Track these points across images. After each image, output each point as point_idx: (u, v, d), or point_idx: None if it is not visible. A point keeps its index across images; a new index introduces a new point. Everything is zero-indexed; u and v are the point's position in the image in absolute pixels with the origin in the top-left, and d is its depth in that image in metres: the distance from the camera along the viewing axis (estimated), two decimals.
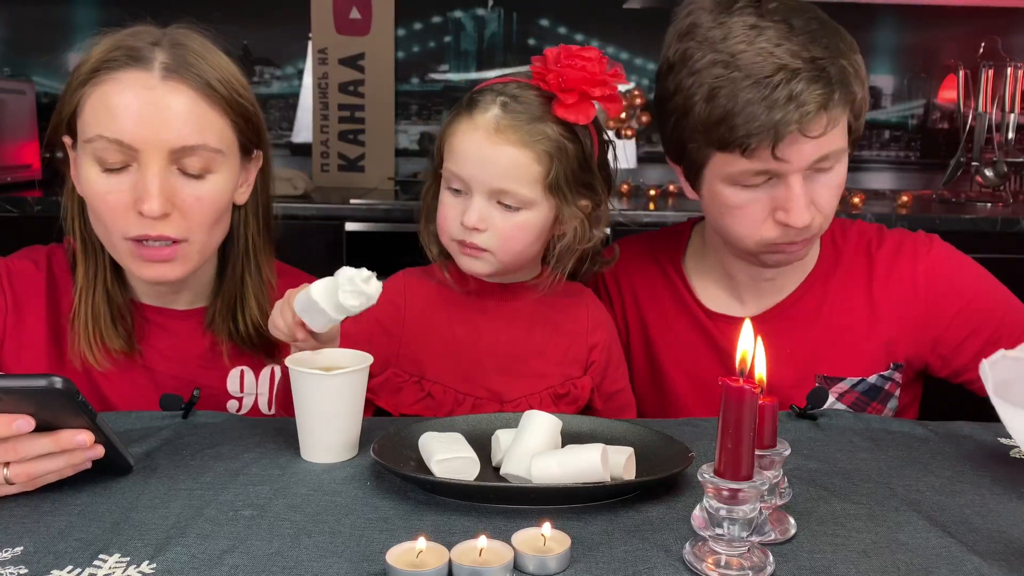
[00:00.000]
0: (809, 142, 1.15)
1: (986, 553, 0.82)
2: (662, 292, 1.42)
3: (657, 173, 3.10)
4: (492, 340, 1.25)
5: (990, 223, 2.49)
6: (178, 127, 1.13)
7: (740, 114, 1.14)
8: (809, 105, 1.13)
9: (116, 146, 1.12)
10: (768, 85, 1.13)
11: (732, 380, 0.73)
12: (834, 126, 1.17)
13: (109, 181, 1.14)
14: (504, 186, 1.15)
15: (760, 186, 1.20)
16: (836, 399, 1.34)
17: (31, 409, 0.87)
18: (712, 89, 1.16)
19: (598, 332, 1.30)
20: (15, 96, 2.78)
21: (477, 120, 1.16)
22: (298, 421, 1.04)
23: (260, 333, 1.27)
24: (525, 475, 0.94)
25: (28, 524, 0.86)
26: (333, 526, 0.85)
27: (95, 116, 1.13)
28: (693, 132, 1.20)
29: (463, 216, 1.17)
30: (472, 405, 1.23)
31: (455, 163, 1.17)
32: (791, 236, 1.22)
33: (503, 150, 1.14)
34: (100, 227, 1.18)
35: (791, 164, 1.17)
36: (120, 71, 1.14)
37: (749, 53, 1.15)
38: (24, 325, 1.23)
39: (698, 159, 1.23)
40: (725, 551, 0.76)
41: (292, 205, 2.54)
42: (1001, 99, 2.82)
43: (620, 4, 3.11)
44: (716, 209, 1.26)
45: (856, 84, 1.19)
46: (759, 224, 1.22)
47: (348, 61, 3.09)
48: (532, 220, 1.18)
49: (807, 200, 1.19)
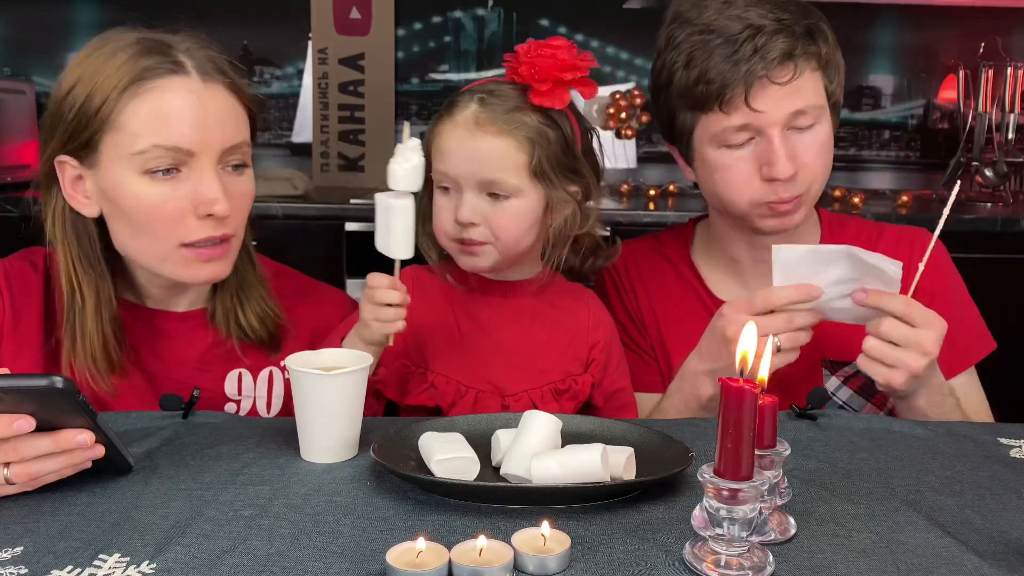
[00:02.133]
0: (779, 89, 1.24)
1: (986, 553, 0.82)
2: (673, 286, 1.45)
3: (657, 173, 3.10)
4: (495, 336, 1.27)
5: (990, 223, 2.49)
6: (225, 127, 1.16)
7: (712, 69, 1.24)
8: (773, 52, 1.22)
9: (173, 153, 1.12)
10: (736, 41, 1.23)
11: (732, 380, 0.73)
12: (800, 75, 1.24)
13: (163, 190, 1.13)
14: (490, 176, 1.18)
15: (744, 145, 1.27)
16: (842, 383, 1.36)
17: (31, 409, 0.87)
18: (689, 56, 1.26)
19: (599, 331, 1.31)
20: (15, 96, 2.78)
21: (457, 118, 1.20)
22: (298, 421, 1.04)
23: (264, 323, 1.28)
24: (525, 475, 0.94)
25: (28, 524, 0.86)
26: (333, 526, 0.85)
27: (144, 127, 1.12)
28: (678, 100, 1.29)
29: (456, 212, 1.20)
30: (474, 397, 1.25)
31: (441, 162, 1.21)
32: (779, 192, 1.27)
33: (485, 141, 1.18)
34: (146, 239, 1.16)
35: (767, 115, 1.24)
36: (160, 79, 1.13)
37: (720, 19, 1.25)
38: (22, 327, 1.23)
39: (685, 128, 1.31)
40: (725, 551, 0.76)
41: (292, 205, 2.53)
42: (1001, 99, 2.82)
43: (620, 4, 3.11)
44: (708, 176, 1.33)
45: (821, 41, 1.28)
46: (747, 183, 1.28)
47: (348, 61, 3.08)
48: (523, 207, 1.20)
49: (788, 153, 1.25)
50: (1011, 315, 2.26)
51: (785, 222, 1.31)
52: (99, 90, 1.12)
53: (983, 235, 2.48)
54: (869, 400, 1.33)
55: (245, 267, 1.29)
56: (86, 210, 1.18)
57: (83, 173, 1.17)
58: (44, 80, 3.03)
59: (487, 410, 1.23)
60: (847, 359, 1.35)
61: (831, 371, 1.37)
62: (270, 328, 1.29)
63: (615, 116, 2.83)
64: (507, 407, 1.24)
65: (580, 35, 3.13)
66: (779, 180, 1.26)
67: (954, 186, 1.29)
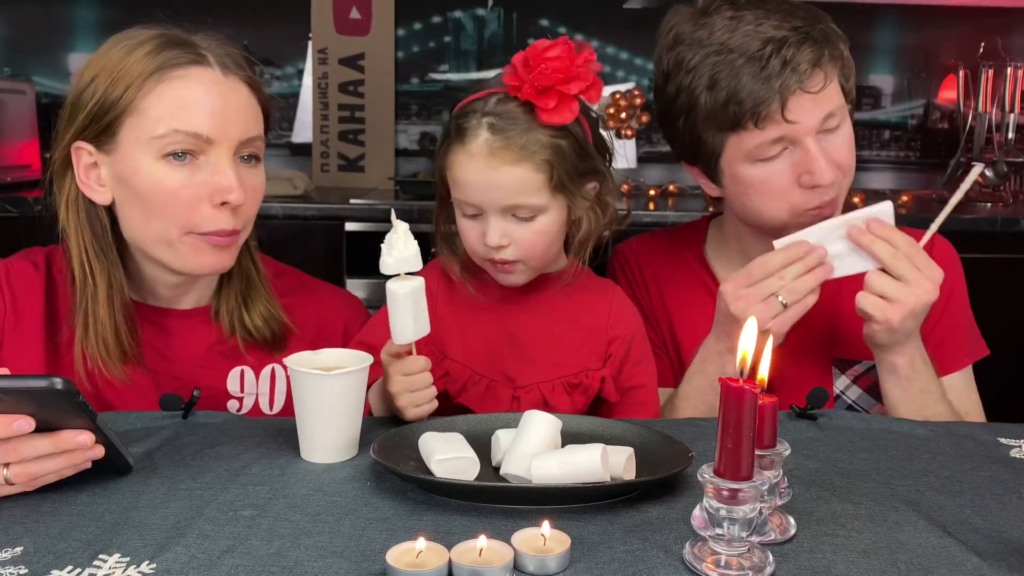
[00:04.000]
0: (812, 98, 1.23)
1: (986, 553, 0.82)
2: (685, 281, 1.45)
3: (657, 173, 3.10)
4: (512, 329, 1.28)
5: (990, 223, 2.49)
6: (244, 119, 1.19)
7: (743, 89, 1.22)
8: (804, 64, 1.22)
9: (193, 139, 1.14)
10: (762, 57, 1.21)
11: (732, 380, 0.73)
12: (830, 81, 1.25)
13: (180, 175, 1.15)
14: (514, 202, 1.18)
15: (778, 157, 1.26)
16: (852, 381, 1.36)
17: (31, 409, 0.87)
18: (712, 77, 1.24)
19: (619, 327, 1.30)
20: (15, 96, 2.77)
21: (471, 148, 1.17)
22: (298, 421, 1.04)
23: (269, 324, 1.29)
24: (525, 475, 0.94)
25: (28, 524, 0.86)
26: (333, 526, 0.85)
27: (167, 111, 1.14)
28: (704, 123, 1.27)
29: (485, 238, 1.20)
30: (486, 386, 1.26)
31: (461, 192, 1.21)
32: (821, 197, 1.27)
33: (503, 171, 1.16)
34: (157, 224, 1.17)
35: (802, 124, 1.23)
36: (186, 68, 1.16)
37: (736, 37, 1.23)
38: (23, 327, 1.23)
39: (714, 149, 1.29)
40: (725, 551, 0.76)
41: (292, 205, 2.54)
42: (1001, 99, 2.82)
43: (620, 4, 3.11)
44: (742, 193, 1.31)
45: (840, 43, 1.28)
46: (786, 194, 1.27)
47: (348, 61, 3.08)
48: (548, 223, 1.21)
49: (826, 158, 1.25)
50: (1011, 315, 2.27)
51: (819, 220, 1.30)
52: (122, 78, 1.15)
53: (983, 235, 2.48)
54: (879, 399, 1.33)
55: (250, 266, 1.30)
56: (98, 197, 1.20)
57: (98, 160, 1.19)
58: (44, 80, 3.03)
59: (497, 400, 1.24)
60: (857, 358, 1.35)
61: (841, 370, 1.37)
62: (275, 329, 1.29)
63: (615, 116, 2.83)
64: (517, 399, 1.24)
65: (580, 35, 3.13)
66: (821, 186, 1.25)
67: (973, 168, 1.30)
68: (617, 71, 3.16)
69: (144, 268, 1.25)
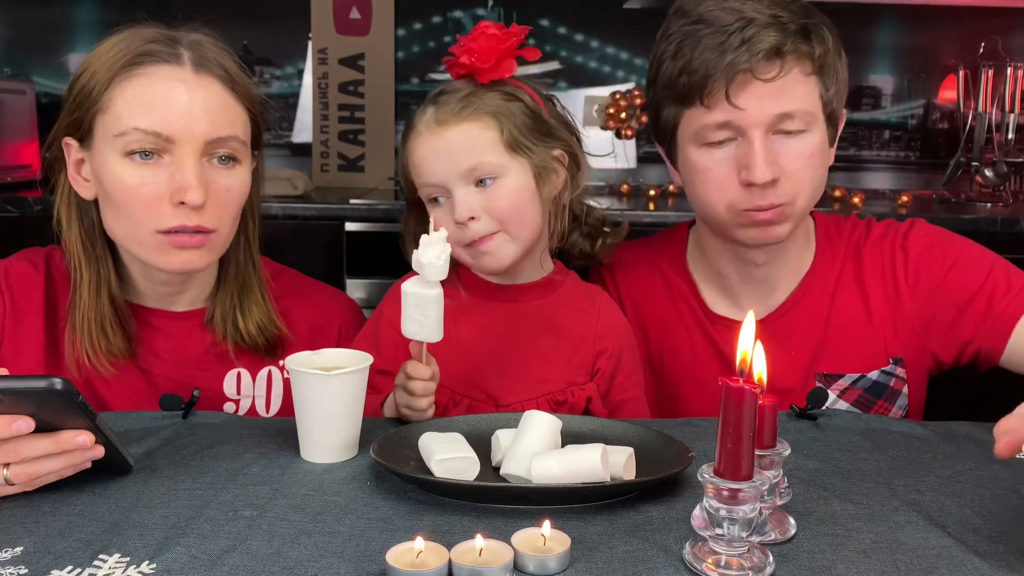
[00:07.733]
0: (764, 87, 1.18)
1: (986, 553, 0.82)
2: (663, 296, 1.41)
3: (657, 173, 3.10)
4: (495, 343, 1.25)
5: (990, 223, 2.49)
6: (212, 119, 1.16)
7: (697, 59, 1.19)
8: (760, 45, 1.17)
9: (152, 138, 1.13)
10: (726, 32, 1.18)
11: (732, 380, 0.73)
12: (787, 73, 1.19)
13: (142, 173, 1.14)
14: (469, 163, 1.18)
15: (723, 145, 1.22)
16: (837, 396, 1.34)
17: (31, 410, 0.87)
18: (678, 46, 1.22)
19: (607, 339, 1.27)
20: (15, 96, 2.77)
21: (419, 127, 1.21)
22: (298, 421, 1.04)
23: (263, 331, 1.28)
24: (525, 475, 0.94)
25: (28, 524, 0.86)
26: (333, 526, 0.85)
27: (129, 109, 1.14)
28: (663, 93, 1.25)
29: (453, 215, 1.18)
30: (468, 407, 1.23)
31: (420, 174, 1.21)
32: (755, 198, 1.21)
33: (451, 133, 1.18)
34: (125, 222, 1.17)
35: (748, 113, 1.19)
36: (152, 66, 1.15)
37: (716, 11, 1.20)
38: (22, 327, 1.23)
39: (670, 123, 1.26)
40: (725, 551, 0.76)
41: (292, 205, 2.53)
42: (1001, 99, 2.81)
43: (620, 4, 3.11)
44: (688, 180, 1.29)
45: (817, 42, 1.21)
46: (724, 186, 1.23)
47: (348, 61, 3.08)
48: (513, 184, 1.19)
49: (769, 157, 1.19)
50: None
51: (766, 234, 1.25)
52: (96, 73, 1.16)
53: (983, 235, 2.47)
54: (866, 413, 1.32)
55: (247, 271, 1.29)
56: (85, 192, 1.20)
57: (84, 156, 1.19)
58: (44, 80, 3.03)
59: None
60: (840, 371, 1.34)
61: (826, 385, 1.34)
62: (268, 336, 1.29)
63: (615, 116, 2.83)
64: None
65: (580, 35, 3.13)
66: (756, 185, 1.19)
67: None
68: (617, 71, 3.16)
69: (131, 266, 1.25)
